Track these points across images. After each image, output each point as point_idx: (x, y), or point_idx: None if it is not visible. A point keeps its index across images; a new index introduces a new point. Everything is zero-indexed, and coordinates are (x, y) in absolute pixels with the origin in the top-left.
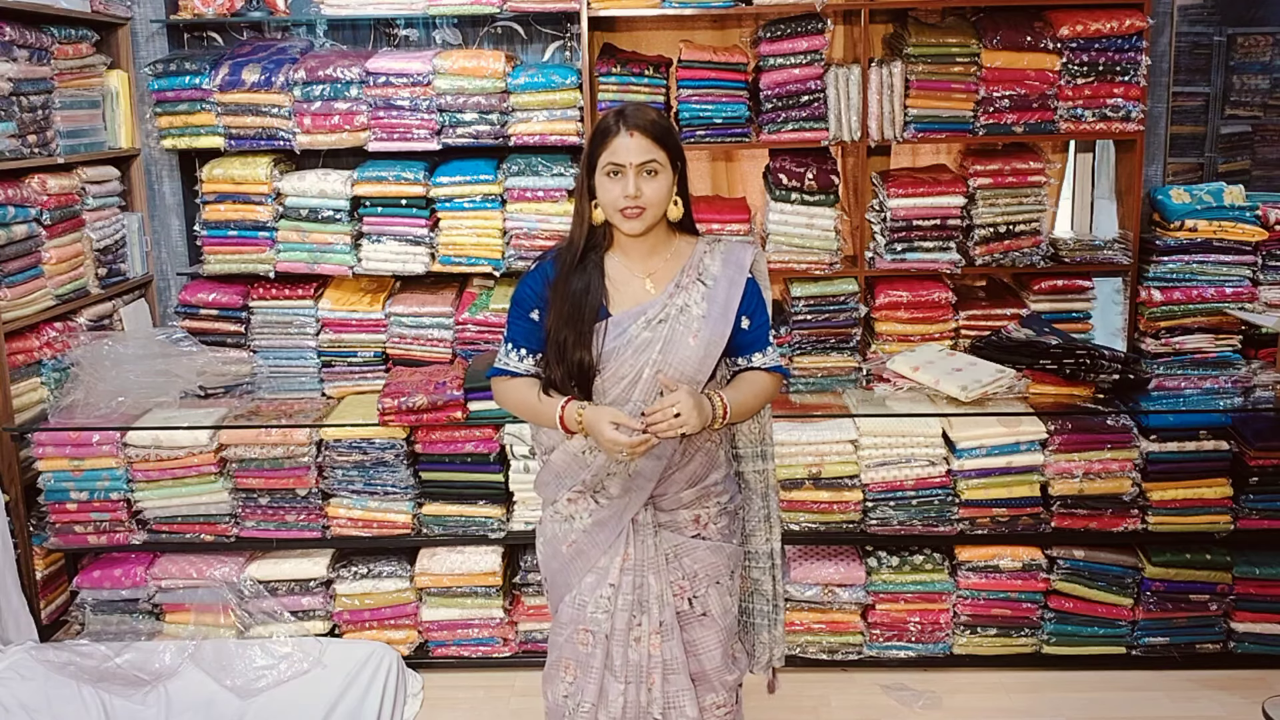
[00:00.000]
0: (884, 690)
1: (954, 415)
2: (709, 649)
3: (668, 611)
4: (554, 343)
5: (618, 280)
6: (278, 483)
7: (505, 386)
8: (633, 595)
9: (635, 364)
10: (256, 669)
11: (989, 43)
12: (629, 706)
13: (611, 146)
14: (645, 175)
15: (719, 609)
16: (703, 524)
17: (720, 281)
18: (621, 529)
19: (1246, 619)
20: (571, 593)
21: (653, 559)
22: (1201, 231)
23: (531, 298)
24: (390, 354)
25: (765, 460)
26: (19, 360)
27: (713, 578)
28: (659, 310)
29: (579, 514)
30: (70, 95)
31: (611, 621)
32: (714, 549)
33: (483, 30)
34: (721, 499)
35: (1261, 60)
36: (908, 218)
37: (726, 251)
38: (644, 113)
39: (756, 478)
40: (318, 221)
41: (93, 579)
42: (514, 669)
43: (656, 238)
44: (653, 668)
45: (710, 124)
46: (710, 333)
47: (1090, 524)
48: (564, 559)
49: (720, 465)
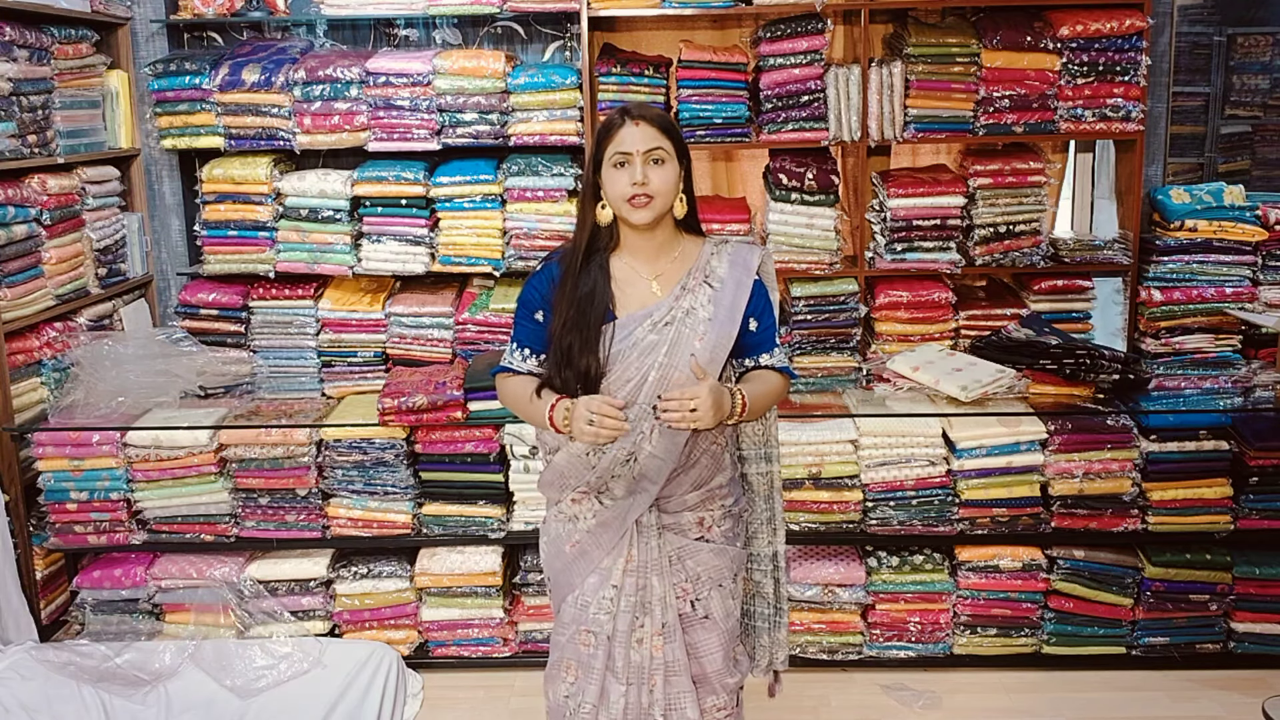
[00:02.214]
0: (884, 690)
1: (954, 415)
2: (710, 651)
3: (670, 613)
4: (559, 348)
5: (623, 282)
6: (278, 483)
7: (506, 385)
8: (635, 597)
9: (641, 367)
10: (256, 669)
11: (989, 43)
12: (630, 708)
13: (618, 137)
14: (652, 164)
15: (721, 612)
16: (706, 526)
17: (727, 284)
18: (625, 530)
19: (1246, 619)
20: (574, 593)
21: (656, 561)
22: (1201, 231)
23: (536, 299)
24: (390, 354)
25: (770, 463)
26: (19, 360)
27: (715, 580)
28: (665, 313)
29: (583, 514)
30: (70, 95)
31: (614, 623)
32: (717, 551)
33: (483, 30)
34: (726, 502)
35: (1261, 60)
36: (908, 218)
37: (734, 253)
38: (648, 107)
39: (760, 480)
40: (318, 221)
41: (93, 579)
42: (514, 669)
43: (663, 237)
44: (654, 669)
45: (710, 124)
46: (716, 335)
47: (1090, 524)
48: (567, 559)
49: (726, 468)
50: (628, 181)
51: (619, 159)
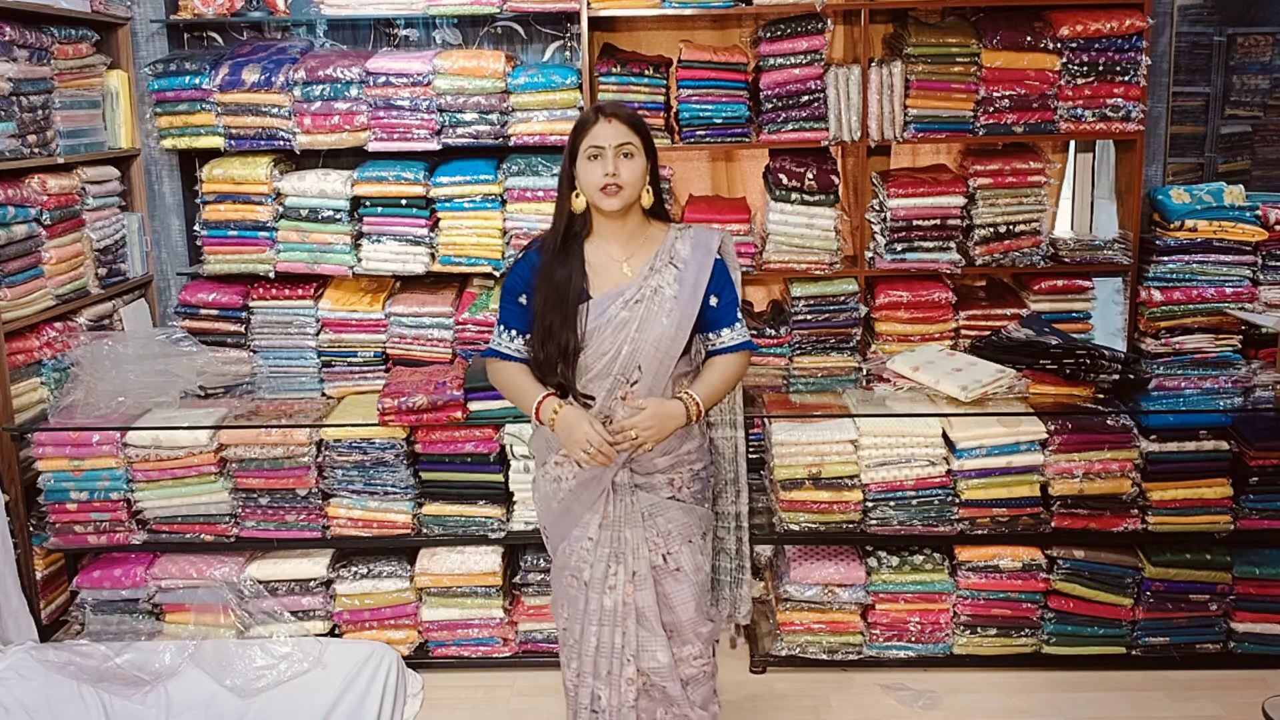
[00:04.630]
0: (884, 690)
1: (954, 415)
2: (683, 602)
3: (641, 564)
4: (541, 325)
5: (597, 265)
6: (278, 483)
7: (496, 367)
8: (610, 548)
9: (615, 341)
10: (256, 669)
11: (989, 43)
12: (603, 646)
13: (592, 133)
14: (622, 157)
15: (691, 565)
16: (677, 486)
17: (690, 264)
18: (603, 489)
19: (1246, 619)
20: (564, 543)
21: (630, 516)
22: (1201, 231)
23: (520, 285)
24: (390, 354)
25: (735, 429)
26: (19, 360)
27: (685, 536)
28: (635, 291)
29: (565, 476)
30: (70, 95)
31: (591, 570)
32: (686, 510)
33: (483, 30)
34: (695, 466)
35: (1261, 60)
36: (908, 218)
37: (695, 236)
38: (619, 105)
39: (726, 443)
40: (318, 221)
41: (93, 579)
42: (514, 669)
43: (633, 224)
44: (626, 614)
45: (710, 124)
46: (682, 312)
47: (1090, 524)
48: (554, 514)
49: (694, 436)
50: (601, 173)
51: (593, 152)
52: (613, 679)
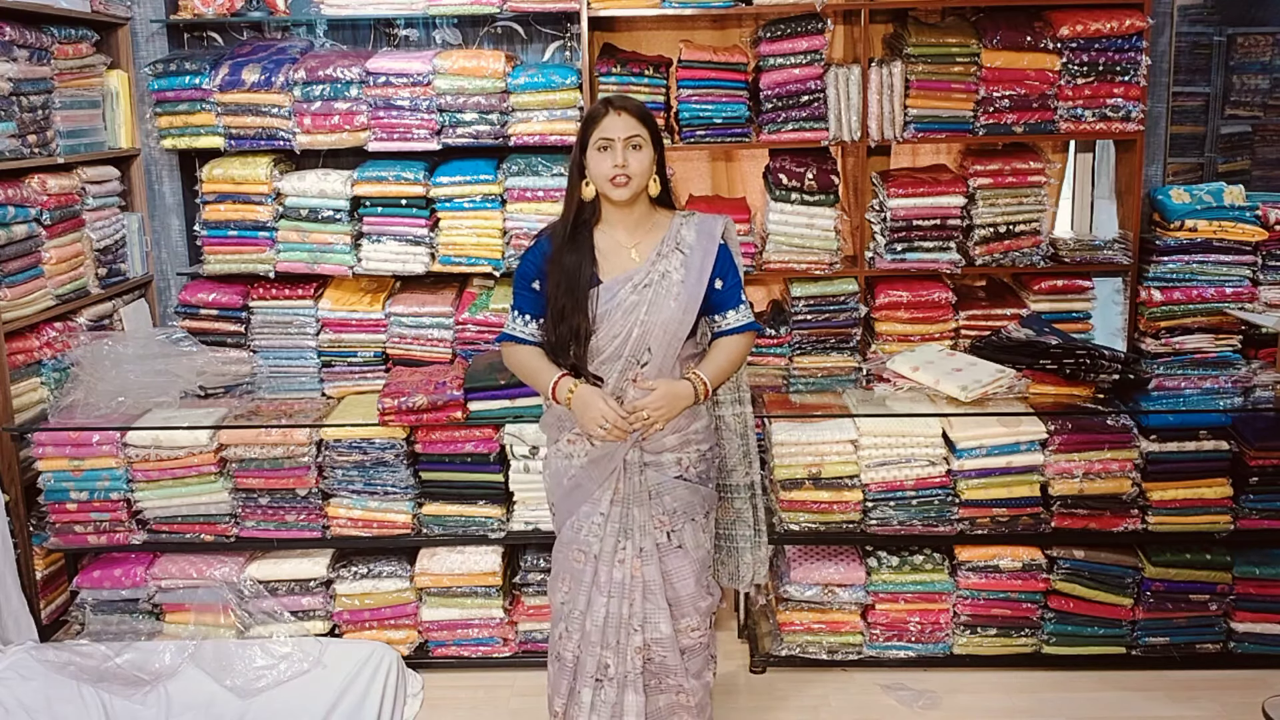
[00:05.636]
0: (884, 690)
1: (954, 415)
2: (684, 578)
3: (648, 540)
4: (554, 309)
5: (606, 251)
6: (278, 483)
7: (511, 350)
8: (619, 523)
9: (625, 324)
10: (256, 669)
11: (989, 43)
12: (611, 617)
13: (602, 125)
14: (631, 149)
15: (693, 543)
16: (684, 466)
17: (695, 250)
18: (614, 467)
19: (1246, 619)
20: (571, 518)
21: (638, 493)
22: (1201, 231)
23: (532, 271)
24: (390, 354)
25: (742, 405)
26: (19, 360)
27: (689, 515)
28: (644, 276)
29: (577, 453)
30: (70, 95)
31: (600, 544)
32: (691, 489)
33: (483, 30)
34: (701, 446)
35: (1261, 60)
36: (908, 218)
37: (700, 223)
38: (629, 99)
39: (735, 420)
40: (318, 221)
41: (93, 579)
42: (514, 669)
43: (640, 212)
44: (633, 586)
45: (710, 124)
46: (689, 295)
47: (1090, 524)
48: (565, 490)
49: (701, 416)
50: (610, 164)
51: (602, 143)
52: (621, 648)
